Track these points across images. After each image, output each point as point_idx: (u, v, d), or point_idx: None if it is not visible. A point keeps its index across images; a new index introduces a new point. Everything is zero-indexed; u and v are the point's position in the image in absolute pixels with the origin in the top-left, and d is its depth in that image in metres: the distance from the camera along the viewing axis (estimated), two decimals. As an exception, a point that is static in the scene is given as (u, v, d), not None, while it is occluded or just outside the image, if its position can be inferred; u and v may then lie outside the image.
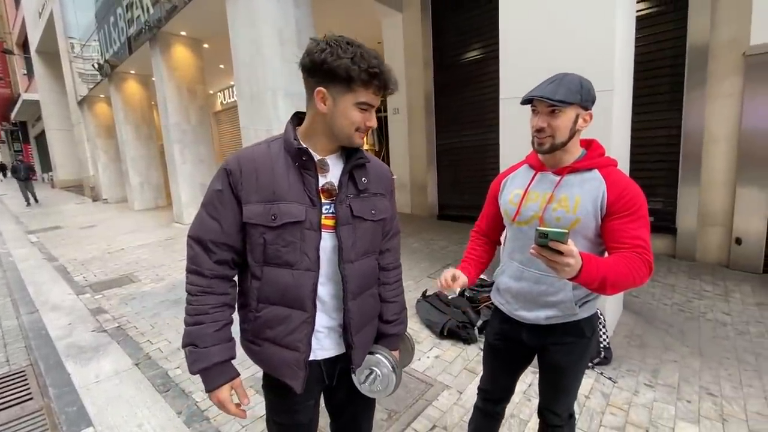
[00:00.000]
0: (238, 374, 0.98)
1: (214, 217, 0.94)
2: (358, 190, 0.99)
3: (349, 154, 1.00)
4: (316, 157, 0.96)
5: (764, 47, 3.47)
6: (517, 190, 1.20)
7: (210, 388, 0.94)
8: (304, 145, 0.95)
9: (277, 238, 0.92)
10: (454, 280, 1.15)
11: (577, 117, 1.07)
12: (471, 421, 1.51)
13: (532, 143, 1.13)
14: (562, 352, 1.19)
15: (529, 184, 1.17)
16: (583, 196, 1.07)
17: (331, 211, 0.96)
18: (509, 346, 1.29)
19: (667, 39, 4.06)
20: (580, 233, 1.07)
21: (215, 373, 0.94)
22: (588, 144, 1.16)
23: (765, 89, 3.51)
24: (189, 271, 0.96)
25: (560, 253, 0.84)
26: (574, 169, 1.10)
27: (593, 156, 1.12)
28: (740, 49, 3.64)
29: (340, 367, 1.08)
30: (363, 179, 1.00)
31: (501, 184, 1.28)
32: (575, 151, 1.13)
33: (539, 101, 1.07)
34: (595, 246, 1.11)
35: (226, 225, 0.94)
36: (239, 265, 1.00)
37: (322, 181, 0.96)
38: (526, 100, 1.11)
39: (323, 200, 0.95)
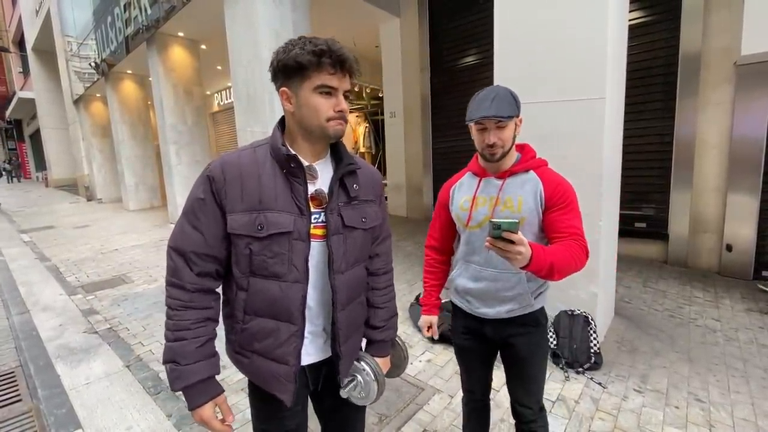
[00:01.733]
0: (222, 390, 0.94)
1: (196, 228, 0.89)
2: (349, 198, 0.96)
3: (338, 159, 0.97)
4: (305, 163, 0.93)
5: (755, 57, 3.53)
6: (466, 196, 1.30)
7: (192, 406, 0.90)
8: (293, 152, 0.92)
9: (264, 248, 0.88)
10: (430, 326, 1.46)
11: (515, 125, 1.20)
12: (464, 423, 1.55)
13: (483, 156, 1.23)
14: (522, 342, 1.28)
15: (476, 190, 1.27)
16: (525, 197, 1.20)
17: (321, 220, 0.93)
18: (475, 341, 1.37)
19: (660, 48, 4.11)
20: (527, 229, 1.18)
21: (197, 390, 0.90)
22: (521, 148, 1.28)
23: (756, 98, 3.57)
24: (169, 284, 0.92)
25: (512, 243, 0.92)
26: (513, 173, 1.23)
27: (527, 159, 1.25)
28: (732, 59, 3.70)
29: (326, 371, 1.06)
30: (354, 186, 0.96)
31: (449, 193, 1.37)
32: (513, 155, 1.25)
33: (487, 119, 1.16)
34: (539, 240, 1.22)
35: (208, 236, 0.89)
36: (223, 275, 0.97)
37: (311, 188, 0.92)
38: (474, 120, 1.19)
39: (312, 209, 0.92)
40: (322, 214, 0.93)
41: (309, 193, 0.92)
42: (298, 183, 0.90)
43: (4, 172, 22.96)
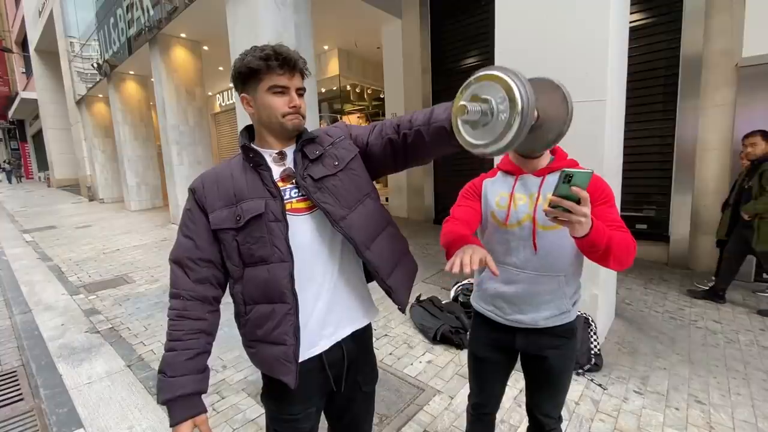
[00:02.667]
0: (205, 410, 0.93)
1: (188, 236, 0.97)
2: (311, 159, 0.99)
3: (299, 137, 1.02)
4: (272, 151, 1.00)
5: (757, 59, 3.53)
6: (501, 192, 1.21)
7: (172, 422, 0.89)
8: (253, 145, 0.99)
9: (246, 237, 0.93)
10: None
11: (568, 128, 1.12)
12: (468, 427, 1.50)
13: (521, 153, 1.18)
14: (556, 354, 1.22)
15: (513, 187, 1.20)
16: None
17: (301, 193, 0.97)
18: (498, 353, 1.30)
19: (661, 50, 4.11)
20: (566, 230, 1.11)
21: (179, 406, 0.89)
22: (554, 151, 1.23)
23: (757, 100, 3.57)
24: (170, 296, 0.98)
25: (576, 202, 0.84)
26: (551, 170, 1.17)
27: (562, 159, 1.22)
28: (733, 61, 3.70)
29: (349, 375, 1.06)
30: (315, 151, 1.00)
31: (483, 184, 1.27)
32: (547, 156, 1.21)
33: None
34: (574, 245, 1.15)
35: (199, 240, 0.96)
36: (224, 284, 1.01)
37: (281, 171, 0.98)
38: None
39: (288, 186, 0.97)
40: (297, 187, 0.98)
41: (279, 176, 0.98)
42: (263, 170, 0.96)
43: (4, 172, 22.87)
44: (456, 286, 3.36)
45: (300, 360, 0.95)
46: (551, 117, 0.93)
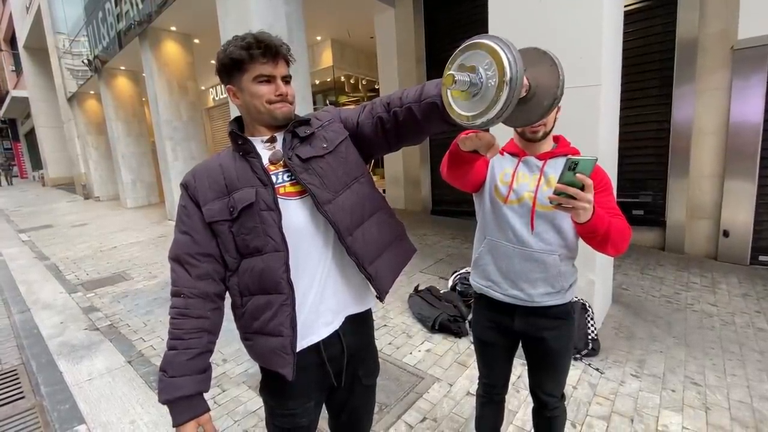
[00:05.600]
0: (208, 409, 0.92)
1: (185, 232, 0.95)
2: (301, 139, 0.97)
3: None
4: (263, 138, 0.98)
5: (752, 41, 3.51)
6: (506, 168, 1.24)
7: (175, 423, 0.88)
8: (241, 133, 0.97)
9: (240, 228, 0.92)
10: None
11: (557, 108, 1.17)
12: (478, 412, 1.53)
13: (524, 136, 1.21)
14: (554, 336, 1.25)
15: (516, 167, 1.23)
16: None
17: (292, 177, 0.94)
18: (500, 335, 1.33)
19: (656, 33, 4.08)
20: (565, 214, 1.14)
21: (181, 407, 0.89)
22: (557, 139, 1.27)
23: (753, 83, 3.56)
24: (172, 294, 0.95)
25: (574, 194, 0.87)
26: (553, 155, 1.21)
27: (565, 146, 1.25)
28: (729, 43, 3.68)
29: (350, 368, 1.06)
30: (306, 131, 0.98)
31: (490, 159, 1.28)
32: (550, 141, 1.25)
33: None
34: (572, 229, 1.19)
35: (197, 235, 0.94)
36: (225, 279, 0.98)
37: (271, 155, 0.97)
38: None
39: (280, 170, 0.95)
40: (287, 170, 0.96)
41: (268, 159, 0.96)
42: (253, 157, 0.95)
43: None
44: (454, 276, 3.37)
45: (297, 350, 0.94)
46: (543, 84, 0.91)
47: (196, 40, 7.79)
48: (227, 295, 1.00)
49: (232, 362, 2.52)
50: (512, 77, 0.68)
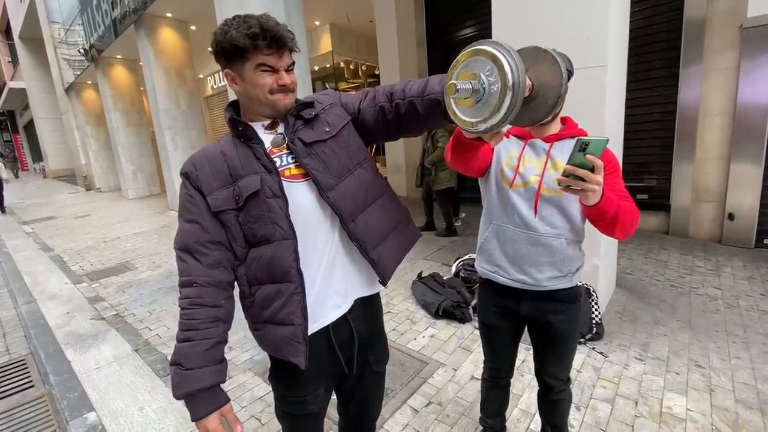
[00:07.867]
0: (228, 399, 0.90)
1: (192, 220, 0.92)
2: (305, 120, 0.95)
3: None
4: (263, 123, 0.95)
5: (761, 19, 3.41)
6: (512, 152, 1.21)
7: (195, 417, 0.85)
8: (240, 118, 0.93)
9: (247, 216, 0.90)
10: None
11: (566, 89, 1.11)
12: (484, 396, 1.55)
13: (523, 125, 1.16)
14: (561, 320, 1.24)
15: (522, 150, 1.20)
16: None
17: (295, 161, 0.93)
18: (505, 319, 1.32)
19: (663, 13, 3.98)
20: (572, 197, 1.13)
21: (201, 400, 0.85)
22: (564, 120, 1.23)
23: (761, 63, 3.47)
24: (181, 284, 0.91)
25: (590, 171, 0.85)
26: (560, 137, 1.17)
27: (572, 127, 1.21)
28: (737, 22, 3.58)
29: (360, 356, 1.05)
30: (311, 112, 0.96)
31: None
32: (558, 124, 1.20)
33: None
34: (579, 212, 1.17)
35: (205, 223, 0.91)
36: (235, 267, 0.96)
37: (273, 139, 0.94)
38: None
39: (284, 152, 0.93)
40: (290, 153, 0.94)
41: (270, 143, 0.94)
42: (254, 143, 0.92)
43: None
44: (457, 262, 3.36)
45: (308, 333, 0.93)
46: (546, 82, 0.91)
47: (193, 27, 7.66)
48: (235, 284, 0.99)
49: (238, 349, 2.54)
50: (515, 82, 0.68)
